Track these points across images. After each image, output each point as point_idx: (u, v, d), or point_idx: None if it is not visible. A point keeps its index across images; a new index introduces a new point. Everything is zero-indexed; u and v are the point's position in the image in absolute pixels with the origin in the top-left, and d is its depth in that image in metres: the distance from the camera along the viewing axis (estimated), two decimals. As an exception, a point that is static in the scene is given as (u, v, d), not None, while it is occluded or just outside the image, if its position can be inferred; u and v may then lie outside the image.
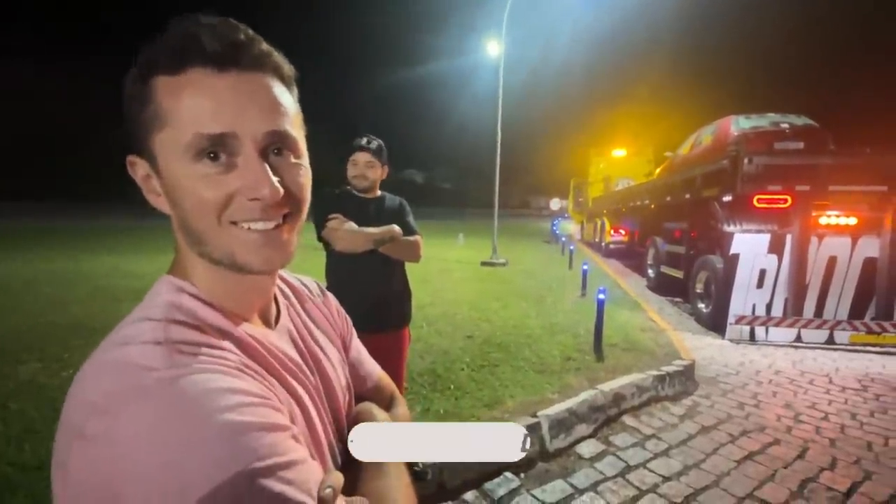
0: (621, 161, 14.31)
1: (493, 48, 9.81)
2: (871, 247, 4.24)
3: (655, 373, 3.12)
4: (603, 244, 12.16)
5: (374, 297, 1.71)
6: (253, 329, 0.46)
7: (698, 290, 5.28)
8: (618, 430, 2.62)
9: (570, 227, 17.68)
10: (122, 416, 0.33)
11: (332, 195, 1.76)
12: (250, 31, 0.43)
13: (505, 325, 4.37)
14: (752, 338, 4.45)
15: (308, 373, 0.50)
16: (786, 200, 4.31)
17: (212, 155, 0.40)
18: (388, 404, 0.66)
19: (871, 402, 3.09)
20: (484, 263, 9.06)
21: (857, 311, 4.34)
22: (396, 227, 1.67)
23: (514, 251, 11.93)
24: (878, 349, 4.21)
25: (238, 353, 0.42)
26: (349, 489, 0.45)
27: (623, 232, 11.00)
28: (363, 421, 0.55)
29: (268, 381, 0.42)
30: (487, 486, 2.01)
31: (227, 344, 0.42)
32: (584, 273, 6.08)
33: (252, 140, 0.41)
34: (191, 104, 0.40)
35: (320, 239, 1.68)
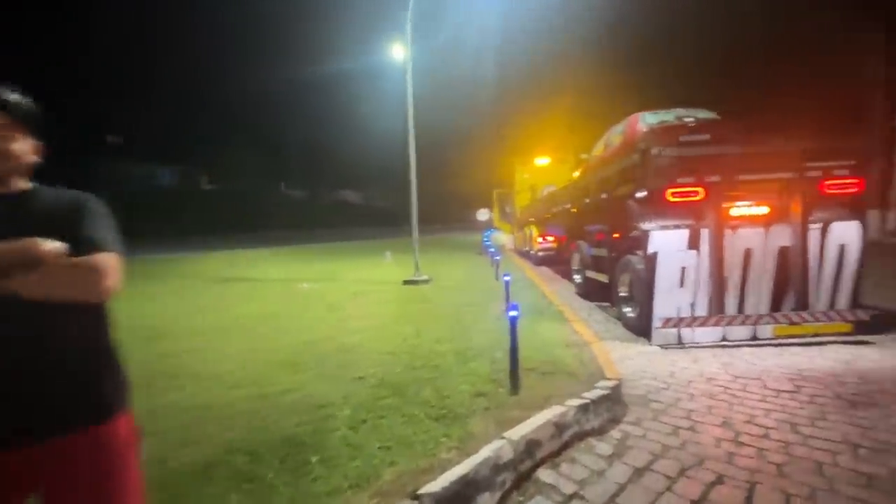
0: (546, 169, 14.38)
1: (398, 52, 9.33)
2: (783, 235, 4.11)
3: (577, 402, 2.57)
4: (531, 252, 11.99)
5: (15, 379, 0.95)
6: None
7: (623, 294, 4.96)
8: (531, 492, 2.01)
9: (502, 238, 17.54)
10: None
11: None
12: None
13: (412, 357, 3.68)
14: (680, 341, 4.13)
15: None
16: (698, 193, 4.08)
17: None
18: None
19: (808, 407, 2.76)
20: (406, 282, 8.37)
21: (776, 304, 4.17)
22: (44, 242, 0.90)
23: (443, 266, 11.39)
24: (800, 341, 4.04)
25: None
26: None
27: (551, 238, 10.88)
28: None
29: None
30: None
31: None
32: (507, 285, 5.58)
33: None
34: None
35: None
